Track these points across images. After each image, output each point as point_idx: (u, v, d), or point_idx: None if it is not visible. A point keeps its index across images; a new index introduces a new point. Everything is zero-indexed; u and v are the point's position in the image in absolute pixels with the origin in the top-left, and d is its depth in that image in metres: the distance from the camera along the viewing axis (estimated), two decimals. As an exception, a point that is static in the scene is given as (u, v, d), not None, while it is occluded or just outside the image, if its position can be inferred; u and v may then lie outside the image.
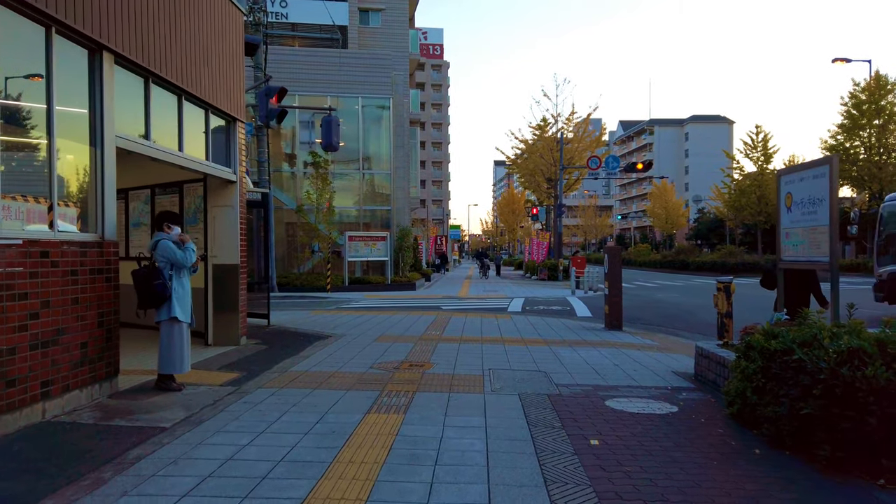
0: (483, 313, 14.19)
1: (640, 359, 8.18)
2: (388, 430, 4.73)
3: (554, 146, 34.40)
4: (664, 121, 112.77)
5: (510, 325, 11.72)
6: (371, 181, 25.70)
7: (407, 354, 8.25)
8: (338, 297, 19.30)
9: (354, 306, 16.42)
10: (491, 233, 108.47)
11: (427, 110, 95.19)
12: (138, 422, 4.90)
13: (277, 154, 24.70)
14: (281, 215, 24.25)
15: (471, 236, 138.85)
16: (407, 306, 16.47)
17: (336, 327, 11.27)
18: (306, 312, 14.12)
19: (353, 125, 24.59)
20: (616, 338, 10.24)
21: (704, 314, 14.59)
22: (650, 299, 19.12)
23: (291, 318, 12.89)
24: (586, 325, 12.19)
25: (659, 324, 12.95)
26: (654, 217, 74.69)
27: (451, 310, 15.27)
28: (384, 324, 11.88)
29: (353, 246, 21.80)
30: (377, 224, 25.37)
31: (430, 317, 13.29)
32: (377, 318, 12.84)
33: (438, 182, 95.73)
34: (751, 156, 51.14)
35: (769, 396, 4.70)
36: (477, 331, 10.85)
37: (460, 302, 18.11)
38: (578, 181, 36.00)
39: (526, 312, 14.78)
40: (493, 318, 12.96)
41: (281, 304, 17.04)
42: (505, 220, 76.77)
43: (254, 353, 8.19)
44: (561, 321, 12.74)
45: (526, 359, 8.02)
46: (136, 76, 6.30)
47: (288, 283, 20.80)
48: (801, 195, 6.33)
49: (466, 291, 22.67)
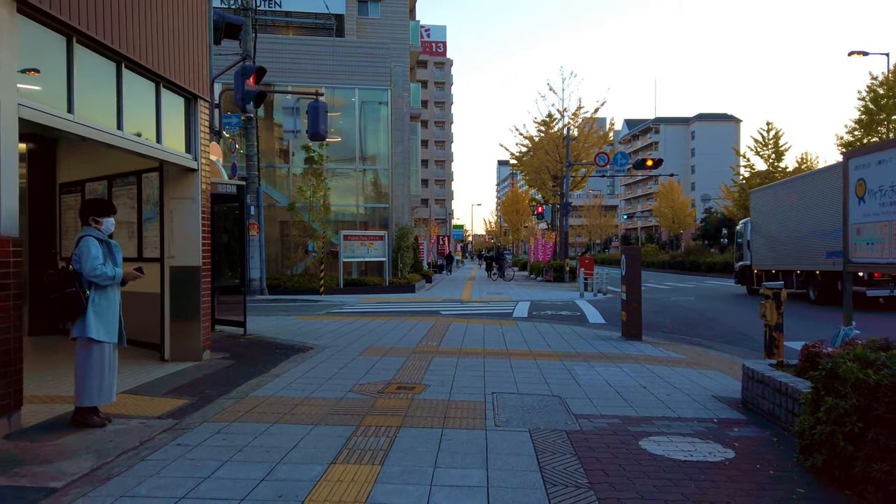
0: (486, 319, 12.97)
1: (671, 378, 6.93)
2: (354, 496, 3.50)
3: (560, 142, 33.16)
4: (670, 119, 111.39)
5: (516, 334, 10.49)
6: (369, 178, 24.48)
7: (396, 372, 7.02)
8: (331, 300, 18.09)
9: (347, 311, 15.21)
10: (494, 233, 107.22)
11: (430, 108, 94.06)
12: (23, 479, 3.68)
13: (270, 149, 23.52)
14: (274, 213, 23.06)
15: (474, 236, 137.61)
16: (404, 311, 15.26)
17: (321, 336, 10.05)
18: (292, 318, 12.90)
19: (349, 119, 23.39)
20: (637, 350, 9.00)
21: (729, 320, 13.35)
22: (665, 303, 17.86)
23: (274, 325, 11.67)
24: (601, 333, 10.94)
25: (680, 332, 11.70)
26: (660, 216, 73.31)
27: (451, 315, 14.05)
28: (376, 332, 10.65)
29: (348, 246, 20.60)
30: (375, 223, 24.16)
31: (428, 323, 12.07)
32: (369, 325, 11.62)
33: (441, 181, 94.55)
34: (761, 153, 49.83)
35: (873, 448, 3.46)
36: (479, 341, 9.62)
37: (462, 306, 16.88)
38: (585, 179, 34.75)
39: (533, 318, 13.55)
40: (497, 326, 11.73)
41: (268, 308, 15.85)
42: (509, 219, 75.49)
43: (215, 371, 6.97)
44: (572, 329, 11.49)
45: (536, 378, 6.79)
46: (56, 34, 5.08)
47: (279, 285, 19.59)
48: (881, 182, 5.08)
49: (469, 294, 21.44)
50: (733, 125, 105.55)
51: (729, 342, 10.48)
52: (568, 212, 30.56)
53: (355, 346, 9.04)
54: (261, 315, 13.79)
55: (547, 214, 34.73)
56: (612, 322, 13.03)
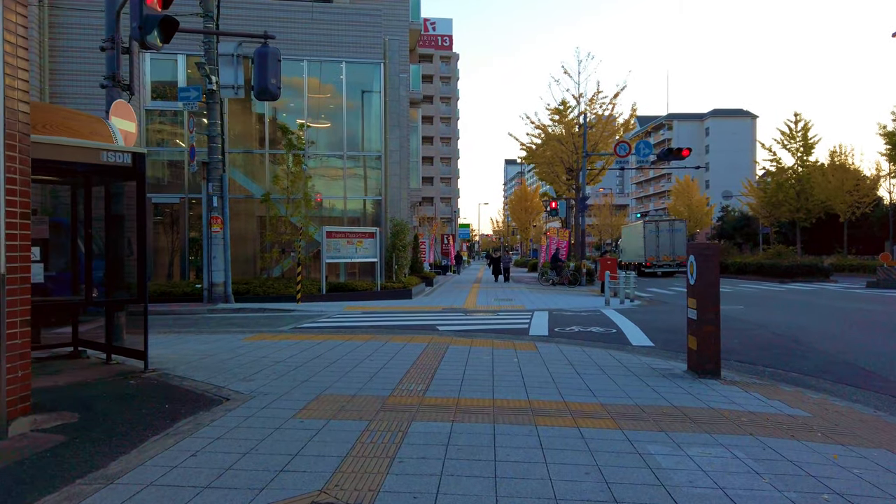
0: (495, 339, 9.89)
1: (831, 477, 3.83)
2: None
3: (576, 131, 30.04)
4: (683, 115, 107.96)
5: (538, 367, 7.39)
6: (357, 166, 21.38)
7: (339, 463, 3.96)
8: (308, 309, 15.04)
9: (319, 325, 12.16)
10: (502, 232, 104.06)
11: (435, 104, 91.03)
12: None
13: (249, 133, 20.48)
14: (251, 207, 20.02)
15: (481, 236, 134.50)
16: (393, 324, 12.21)
17: (258, 372, 6.98)
18: (238, 339, 9.82)
19: (335, 97, 20.32)
20: (725, 399, 5.89)
21: (816, 341, 10.18)
22: (712, 314, 14.69)
23: (205, 350, 8.61)
24: (655, 364, 7.84)
25: (762, 361, 8.56)
26: (676, 215, 69.95)
27: (450, 332, 10.98)
28: (341, 363, 7.59)
29: (332, 244, 17.53)
30: (367, 219, 21.10)
31: (418, 346, 9.00)
32: (338, 350, 8.55)
33: (447, 179, 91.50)
34: (789, 147, 46.51)
35: None
36: (485, 381, 6.53)
37: (465, 318, 13.80)
38: (603, 171, 31.57)
39: (556, 337, 10.44)
40: (511, 350, 8.65)
41: (224, 321, 12.84)
42: (517, 218, 72.35)
43: (10, 465, 3.91)
44: (612, 355, 8.39)
45: (591, 478, 3.71)
46: None
47: (249, 291, 16.54)
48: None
49: (474, 301, 18.34)
50: (749, 121, 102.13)
51: (843, 379, 7.34)
52: (585, 207, 27.44)
53: (298, 393, 5.97)
54: (205, 332, 10.75)
55: (561, 210, 31.56)
56: (660, 342, 9.90)
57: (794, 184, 44.74)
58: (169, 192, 19.03)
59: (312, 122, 20.39)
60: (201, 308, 14.73)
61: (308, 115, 19.75)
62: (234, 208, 20.30)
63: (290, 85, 19.87)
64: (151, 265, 18.53)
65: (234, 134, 20.41)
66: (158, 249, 18.70)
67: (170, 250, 19.01)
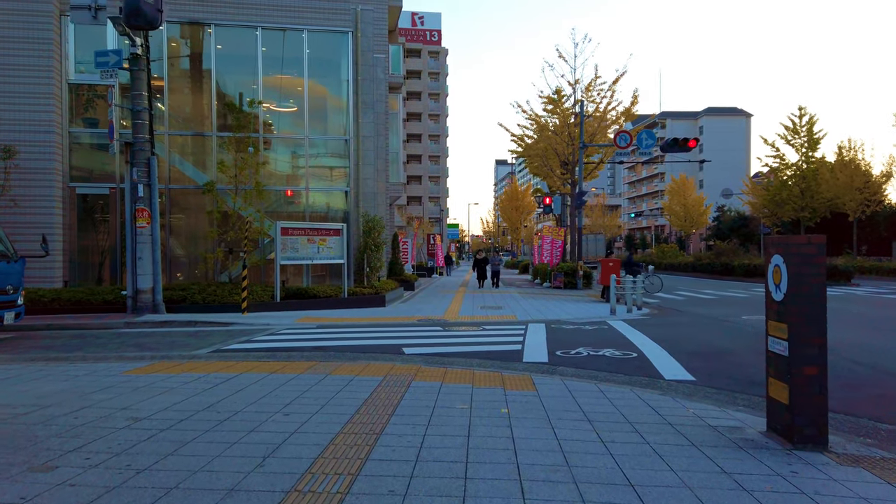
0: (477, 368, 7.25)
1: None
2: None
3: (571, 121, 27.46)
4: (676, 114, 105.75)
5: (539, 427, 4.76)
6: (320, 151, 18.65)
7: None
8: (252, 322, 12.31)
9: (253, 346, 9.48)
10: (492, 233, 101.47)
11: (424, 100, 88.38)
12: None
13: (199, 115, 17.68)
14: (200, 201, 17.19)
15: (472, 237, 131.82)
16: (349, 343, 9.57)
17: (84, 446, 4.30)
18: (122, 369, 7.10)
19: (295, 69, 17.58)
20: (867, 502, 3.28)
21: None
22: (743, 329, 12.11)
23: (54, 392, 5.91)
24: (710, 415, 5.25)
25: (864, 408, 5.97)
26: (672, 215, 67.69)
27: (419, 356, 8.34)
28: (240, 421, 4.92)
29: (288, 243, 14.81)
30: (335, 215, 18.39)
31: (370, 381, 6.37)
32: (250, 392, 5.89)
33: (436, 178, 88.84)
34: (793, 142, 44.14)
35: None
36: (455, 463, 3.88)
37: (442, 333, 11.14)
38: (601, 165, 29.02)
39: (559, 365, 7.80)
40: (498, 390, 6.02)
41: (132, 341, 10.15)
42: (507, 217, 69.73)
43: None
44: (644, 400, 5.78)
45: None
46: None
47: (185, 299, 13.77)
48: None
49: (457, 309, 15.68)
50: (744, 119, 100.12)
51: None
52: (582, 203, 24.81)
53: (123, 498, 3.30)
54: (91, 357, 8.02)
55: (557, 205, 28.98)
56: (700, 373, 7.27)
57: (799, 181, 42.40)
58: (97, 182, 16.24)
59: (270, 103, 17.67)
60: (118, 321, 11.99)
61: (263, 94, 17.03)
62: (183, 201, 17.55)
63: (243, 58, 17.15)
64: (77, 267, 15.75)
65: (183, 117, 17.67)
66: (85, 249, 15.92)
67: (99, 250, 16.22)
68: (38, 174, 14.77)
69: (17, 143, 14.50)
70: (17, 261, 10.45)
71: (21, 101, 14.70)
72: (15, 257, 10.43)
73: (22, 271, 10.57)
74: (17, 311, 10.23)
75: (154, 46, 16.35)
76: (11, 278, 10.10)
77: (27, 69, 14.76)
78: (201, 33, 17.23)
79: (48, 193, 14.86)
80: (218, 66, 17.08)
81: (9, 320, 9.96)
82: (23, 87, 14.71)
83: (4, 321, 9.85)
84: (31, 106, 14.75)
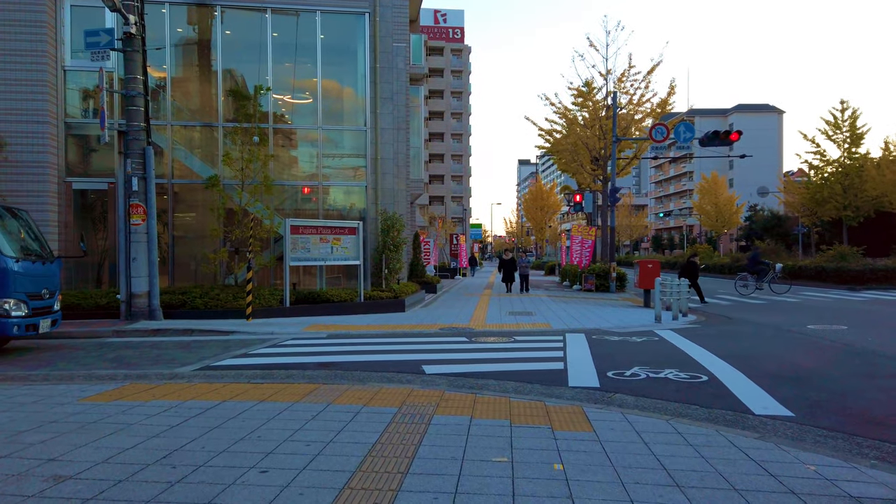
0: (514, 397, 5.84)
1: None
2: None
3: (603, 114, 25.88)
4: (705, 111, 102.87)
5: (610, 495, 3.34)
6: (335, 143, 17.33)
7: None
8: (255, 331, 11.02)
9: (249, 361, 8.17)
10: (515, 233, 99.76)
11: (446, 98, 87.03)
12: None
13: (208, 106, 16.46)
14: (207, 197, 15.92)
15: (494, 237, 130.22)
16: (360, 359, 8.21)
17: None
18: (82, 394, 5.81)
19: (308, 57, 16.29)
20: None
21: None
22: (822, 343, 10.52)
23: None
24: (845, 480, 3.78)
25: None
26: (702, 214, 65.44)
27: (442, 376, 6.98)
28: (190, 489, 3.57)
29: (299, 242, 13.52)
30: (351, 212, 17.10)
31: (379, 416, 5.03)
32: (224, 435, 4.57)
33: (458, 177, 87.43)
34: (834, 137, 41.97)
35: None
36: None
37: (468, 346, 9.75)
38: (634, 160, 27.41)
39: (613, 391, 6.35)
40: (544, 431, 4.62)
41: (114, 354, 8.92)
42: (532, 217, 68.10)
43: None
44: (737, 446, 4.35)
45: None
46: None
47: (185, 303, 12.54)
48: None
49: (483, 315, 14.27)
50: (775, 116, 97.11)
51: None
52: (617, 200, 23.28)
53: None
54: (55, 376, 6.78)
55: (588, 203, 27.37)
56: (796, 405, 5.77)
57: (841, 178, 40.24)
58: (96, 177, 15.11)
59: (281, 93, 16.42)
60: (107, 329, 10.78)
61: (274, 83, 15.75)
62: (189, 198, 16.39)
63: (252, 44, 15.92)
64: (74, 268, 14.63)
65: (188, 107, 16.50)
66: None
67: (98, 249, 15.07)
68: (31, 167, 13.67)
69: (7, 133, 13.40)
70: (53, 261, 9.41)
71: (11, 89, 13.59)
72: (51, 257, 9.37)
73: (58, 273, 9.62)
74: (54, 317, 9.20)
75: (158, 33, 15.22)
76: (47, 281, 9.02)
77: (17, 54, 13.64)
78: (208, 18, 16.05)
79: (42, 188, 13.73)
80: (225, 52, 15.86)
81: (44, 328, 8.89)
82: (12, 74, 13.60)
83: (40, 329, 8.76)
84: (23, 94, 13.64)
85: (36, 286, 8.73)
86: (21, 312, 8.35)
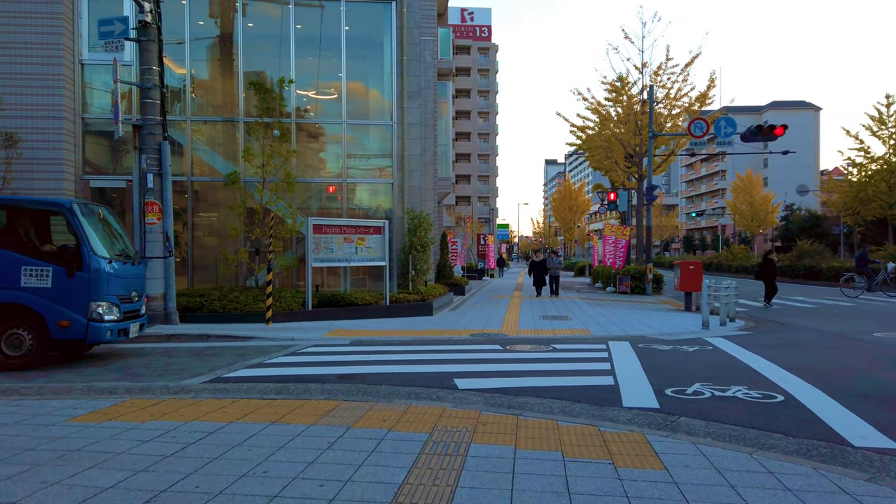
0: (561, 422, 5.02)
1: None
2: None
3: (638, 109, 24.84)
4: (738, 108, 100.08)
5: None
6: (360, 139, 16.64)
7: None
8: (275, 336, 10.35)
9: (266, 373, 7.48)
10: (543, 233, 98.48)
11: (473, 97, 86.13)
12: None
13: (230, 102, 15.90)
14: (219, 194, 15.31)
15: (520, 237, 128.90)
16: (385, 372, 7.46)
17: None
18: (70, 413, 5.15)
19: (332, 49, 15.63)
20: None
21: None
22: None
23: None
24: None
25: None
26: (736, 214, 63.61)
27: (477, 392, 6.21)
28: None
29: (322, 242, 12.85)
30: (377, 210, 16.40)
31: (407, 444, 4.29)
32: (219, 471, 3.83)
33: (485, 177, 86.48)
34: (879, 133, 40.20)
35: None
36: None
37: (503, 356, 8.95)
38: (671, 157, 26.32)
39: (679, 415, 5.48)
40: (605, 468, 3.80)
41: (120, 362, 8.31)
42: (560, 217, 66.94)
43: None
44: (850, 494, 3.47)
45: None
46: None
47: (203, 306, 11.94)
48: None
49: (515, 319, 13.45)
50: (812, 113, 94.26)
51: None
52: (654, 198, 22.24)
53: None
54: (50, 390, 6.17)
55: (622, 201, 26.33)
56: (894, 430, 4.86)
57: (887, 175, 38.49)
58: (114, 175, 14.62)
59: (305, 88, 15.79)
60: (119, 333, 10.22)
61: (297, 76, 15.11)
62: (210, 196, 15.84)
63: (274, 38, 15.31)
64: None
65: (209, 102, 15.97)
66: (101, 249, 14.28)
67: (117, 250, 14.57)
68: (46, 164, 13.21)
69: (22, 129, 12.95)
70: (139, 262, 8.98)
71: (26, 83, 13.15)
72: (137, 258, 8.90)
73: (144, 274, 9.26)
74: (141, 321, 8.76)
75: (178, 27, 14.68)
76: (135, 282, 8.57)
77: (33, 47, 13.19)
78: (230, 11, 15.49)
79: (58, 186, 13.26)
80: (247, 46, 15.28)
81: (134, 332, 8.44)
82: (28, 68, 13.15)
83: (130, 333, 8.31)
84: (38, 88, 13.19)
85: (126, 288, 8.27)
86: (113, 316, 7.90)
